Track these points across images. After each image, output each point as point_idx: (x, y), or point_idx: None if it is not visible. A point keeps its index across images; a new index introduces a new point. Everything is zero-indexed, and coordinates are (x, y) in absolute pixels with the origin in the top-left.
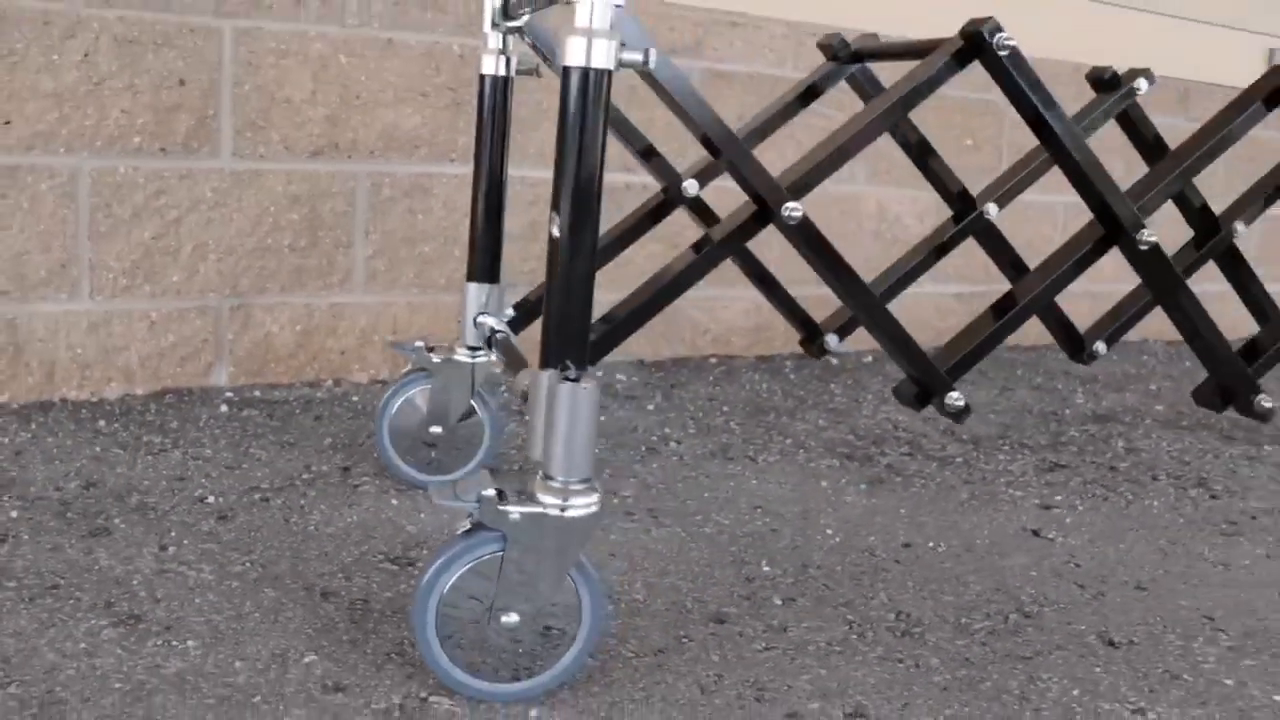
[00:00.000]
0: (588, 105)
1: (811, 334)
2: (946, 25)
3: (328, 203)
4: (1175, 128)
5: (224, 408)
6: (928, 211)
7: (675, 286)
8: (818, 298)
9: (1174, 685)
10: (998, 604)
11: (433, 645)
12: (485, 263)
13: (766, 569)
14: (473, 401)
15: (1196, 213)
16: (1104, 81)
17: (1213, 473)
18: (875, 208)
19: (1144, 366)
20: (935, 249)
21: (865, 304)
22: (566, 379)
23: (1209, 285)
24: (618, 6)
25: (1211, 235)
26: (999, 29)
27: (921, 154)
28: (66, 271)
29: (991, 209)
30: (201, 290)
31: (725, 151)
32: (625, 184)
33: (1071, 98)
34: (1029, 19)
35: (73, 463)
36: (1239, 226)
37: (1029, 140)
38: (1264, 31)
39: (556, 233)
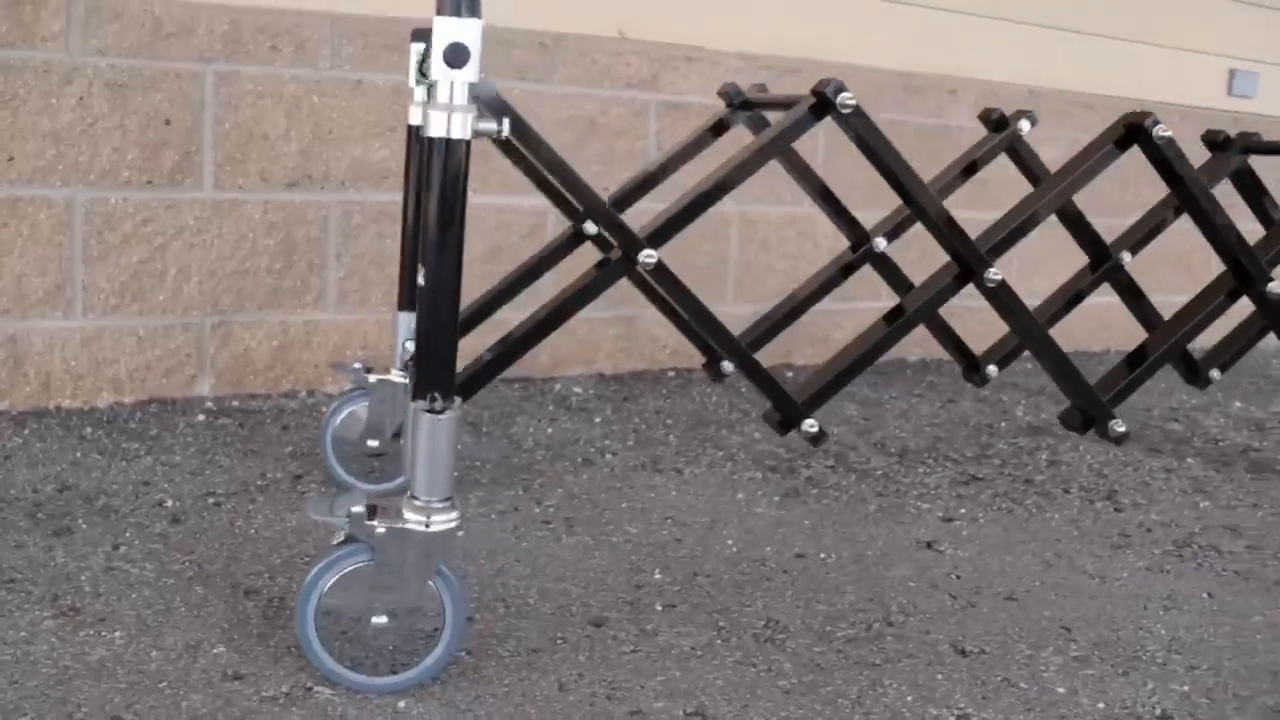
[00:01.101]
0: (448, 170)
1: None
2: (899, 55)
3: (302, 229)
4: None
5: (201, 416)
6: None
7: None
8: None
9: (1007, 692)
10: (866, 613)
11: (313, 642)
12: (414, 294)
13: (658, 577)
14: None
15: (1089, 242)
16: (993, 122)
17: (1126, 485)
18: (831, 229)
19: (1094, 378)
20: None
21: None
22: (431, 410)
23: (1098, 299)
24: (472, 84)
25: (1104, 261)
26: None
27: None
28: (62, 292)
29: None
30: (185, 309)
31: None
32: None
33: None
34: (1009, 49)
35: (53, 466)
36: (1125, 255)
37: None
38: (1224, 54)
39: (423, 282)
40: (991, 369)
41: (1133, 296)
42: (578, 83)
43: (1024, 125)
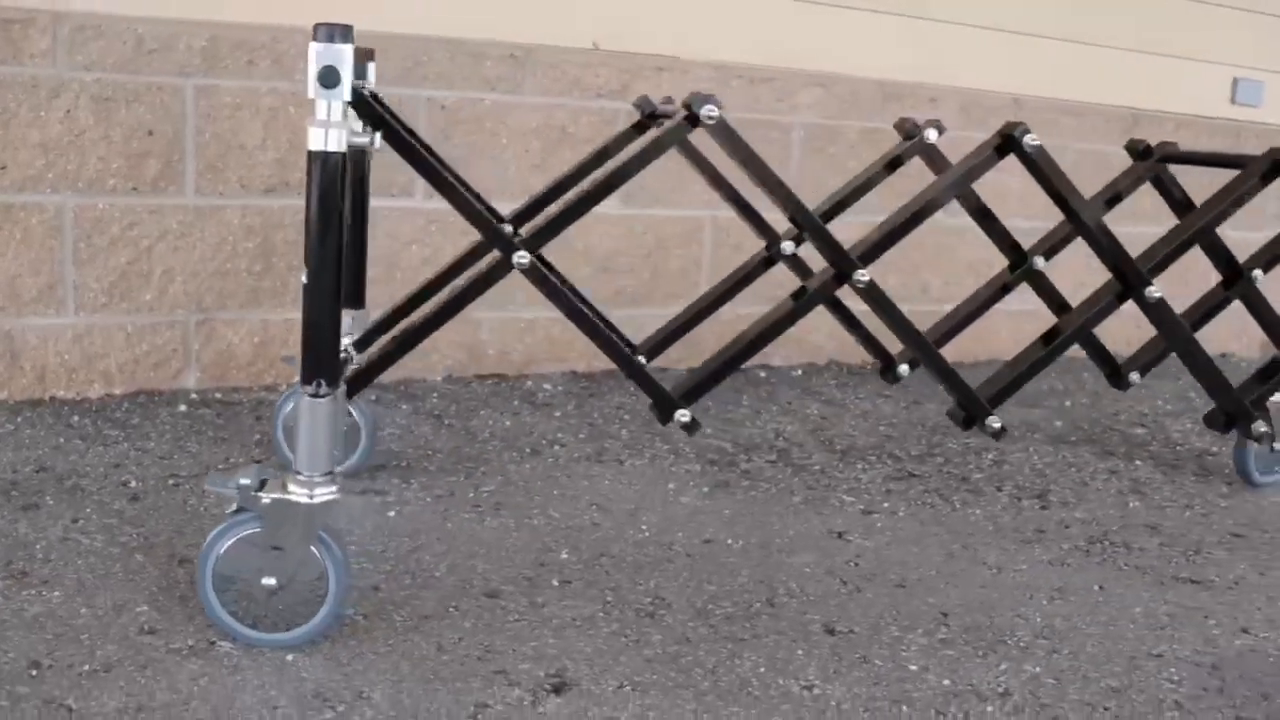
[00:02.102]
0: (326, 180)
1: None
2: (877, 64)
3: (279, 233)
4: (1123, 155)
5: (183, 407)
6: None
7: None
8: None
9: (860, 668)
10: (751, 594)
11: (211, 601)
12: (352, 292)
13: (564, 556)
14: (349, 407)
15: (1008, 249)
16: (908, 132)
17: (1062, 485)
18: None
19: (1075, 382)
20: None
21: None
22: (313, 395)
23: (1017, 304)
24: (348, 103)
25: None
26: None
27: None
28: (54, 291)
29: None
30: (170, 307)
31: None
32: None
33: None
34: (994, 57)
35: (36, 450)
36: (1039, 260)
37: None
38: (1228, 62)
39: (305, 280)
40: (904, 369)
41: (1051, 300)
42: (548, 93)
43: (931, 134)
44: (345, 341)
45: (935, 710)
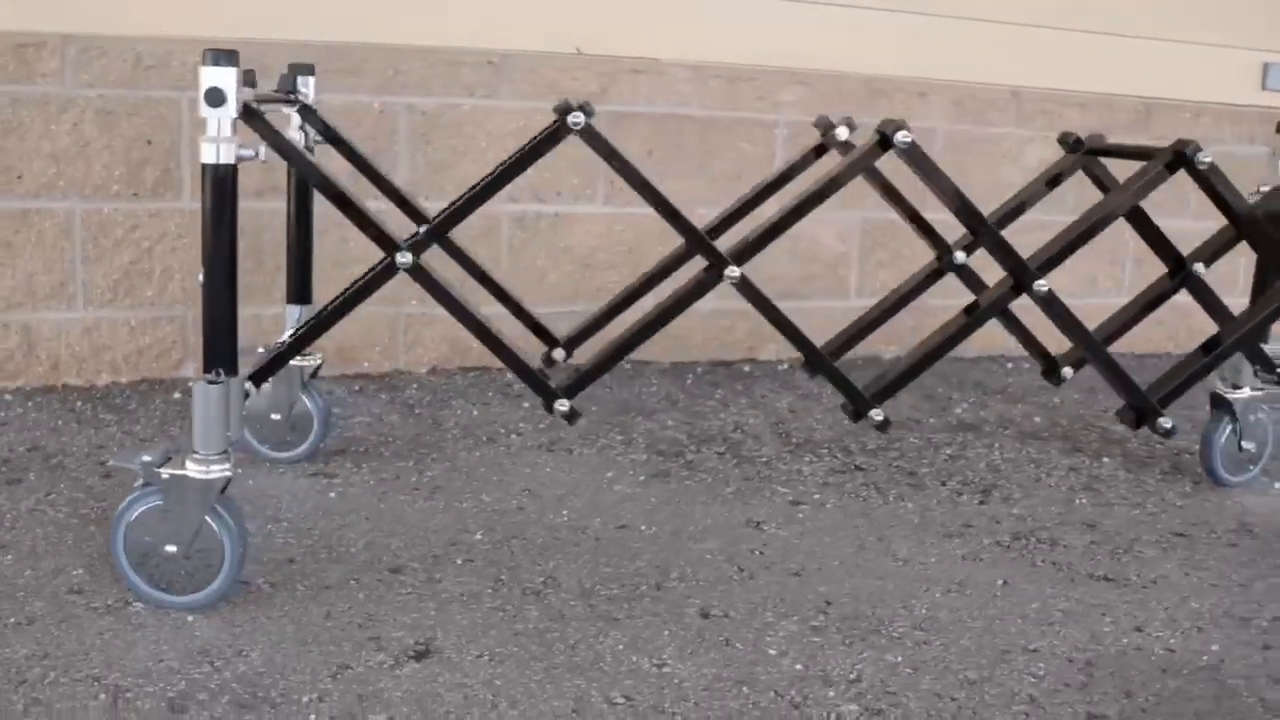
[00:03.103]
0: (220, 190)
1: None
2: (862, 60)
3: (269, 233)
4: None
5: (178, 395)
6: (849, 232)
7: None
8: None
9: (719, 650)
10: (643, 577)
11: (124, 565)
12: (299, 288)
13: (478, 537)
14: (302, 395)
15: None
16: (824, 131)
17: (1013, 482)
18: (793, 228)
19: (1073, 379)
20: None
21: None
22: (210, 382)
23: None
24: (234, 121)
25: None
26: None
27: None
28: (65, 288)
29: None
30: (170, 303)
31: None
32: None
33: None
34: (989, 49)
35: (35, 432)
36: (959, 256)
37: (962, 165)
38: (1259, 47)
39: (202, 279)
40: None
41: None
42: (526, 97)
43: (842, 131)
44: (287, 335)
45: (774, 692)
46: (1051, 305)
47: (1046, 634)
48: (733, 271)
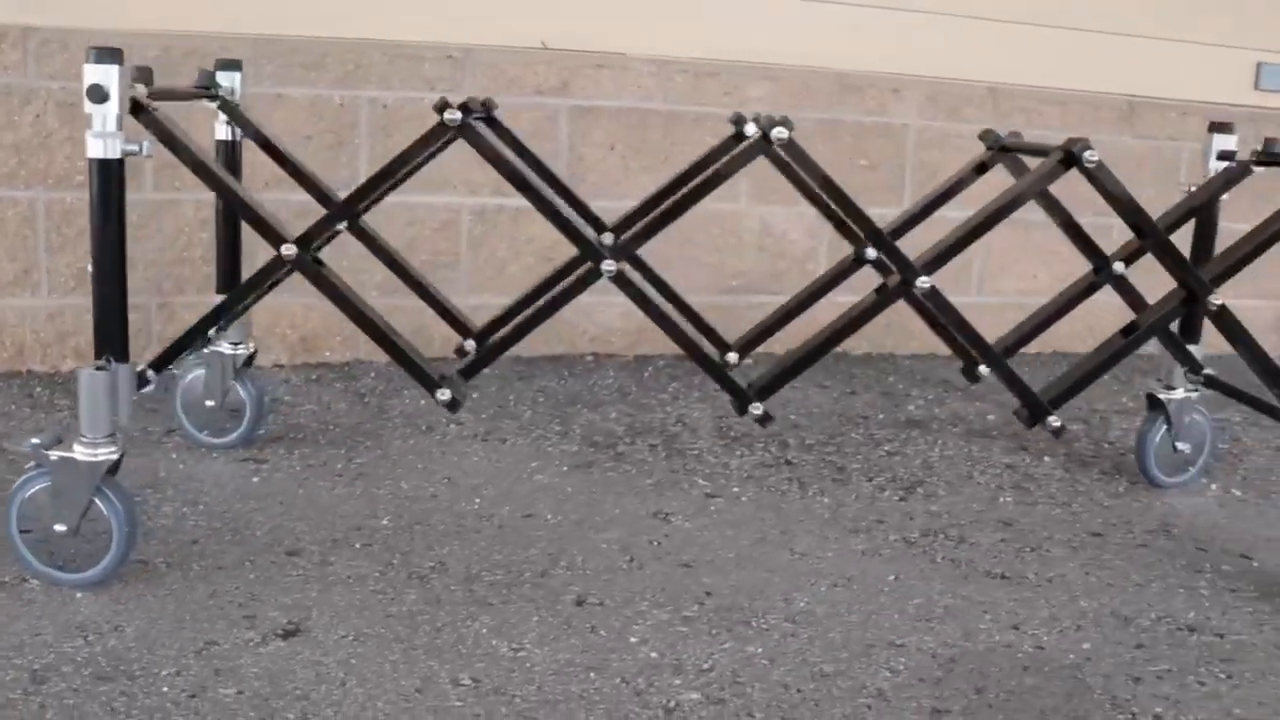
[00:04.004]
0: (107, 183)
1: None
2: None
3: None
4: (1118, 144)
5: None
6: (816, 229)
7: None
8: None
9: (579, 637)
10: (531, 565)
11: (16, 543)
12: (227, 278)
13: (384, 523)
14: (235, 383)
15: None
16: (738, 126)
17: (942, 480)
18: (759, 224)
19: (1048, 376)
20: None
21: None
22: (98, 369)
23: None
24: (120, 116)
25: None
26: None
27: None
28: (29, 276)
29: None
30: (134, 292)
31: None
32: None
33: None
34: (966, 45)
35: None
36: (867, 252)
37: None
38: (1251, 47)
39: (91, 269)
40: (732, 356)
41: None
42: (487, 91)
43: (750, 128)
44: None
45: (622, 679)
46: (936, 302)
47: (919, 630)
48: (609, 266)
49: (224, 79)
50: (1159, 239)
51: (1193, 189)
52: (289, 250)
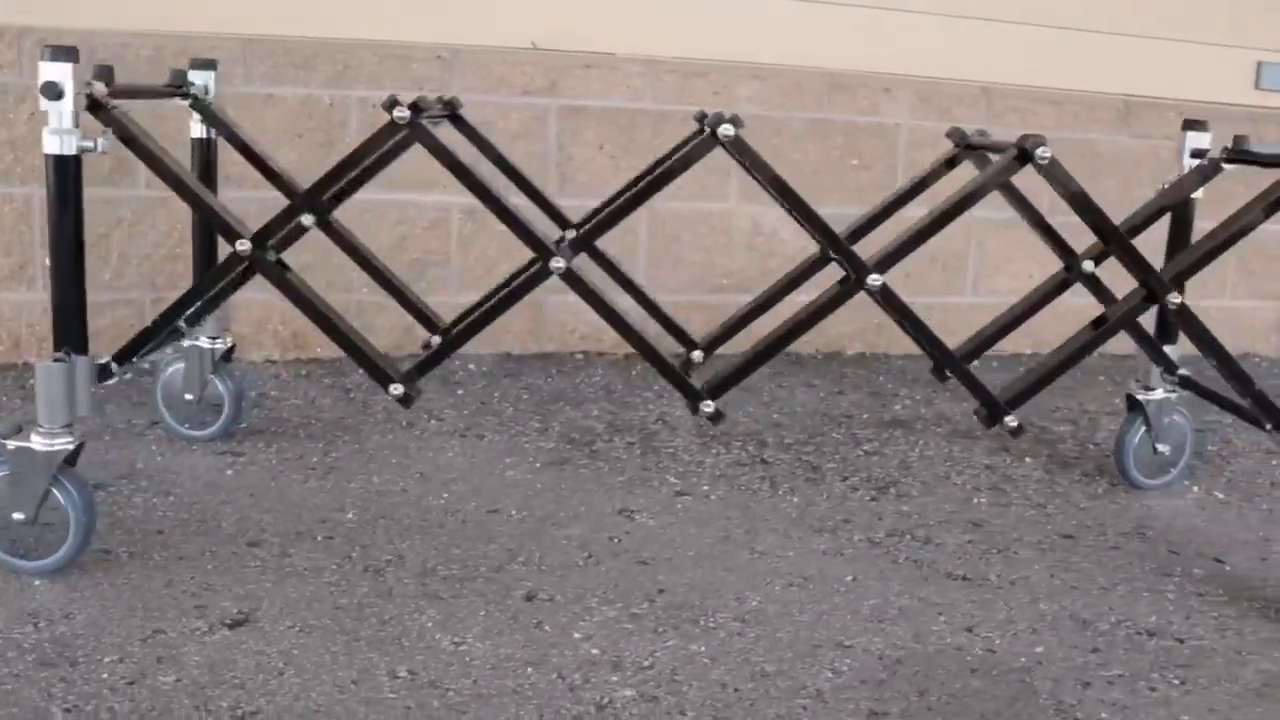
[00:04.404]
0: (64, 178)
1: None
2: (822, 54)
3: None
4: (1115, 144)
5: (129, 375)
6: None
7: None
8: None
9: (523, 632)
10: (488, 560)
11: None
12: (203, 273)
13: (349, 516)
14: (213, 376)
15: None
16: (701, 124)
17: (918, 479)
18: (749, 224)
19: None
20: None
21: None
22: (56, 360)
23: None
24: (76, 113)
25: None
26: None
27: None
28: (25, 270)
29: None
30: (127, 286)
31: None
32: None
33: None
34: (959, 45)
35: None
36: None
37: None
38: (1252, 45)
39: (49, 263)
40: (697, 355)
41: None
42: (475, 90)
43: (726, 129)
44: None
45: (559, 675)
46: (888, 300)
47: (869, 631)
48: (558, 263)
49: (198, 78)
50: (1116, 237)
51: (1166, 185)
52: (243, 245)
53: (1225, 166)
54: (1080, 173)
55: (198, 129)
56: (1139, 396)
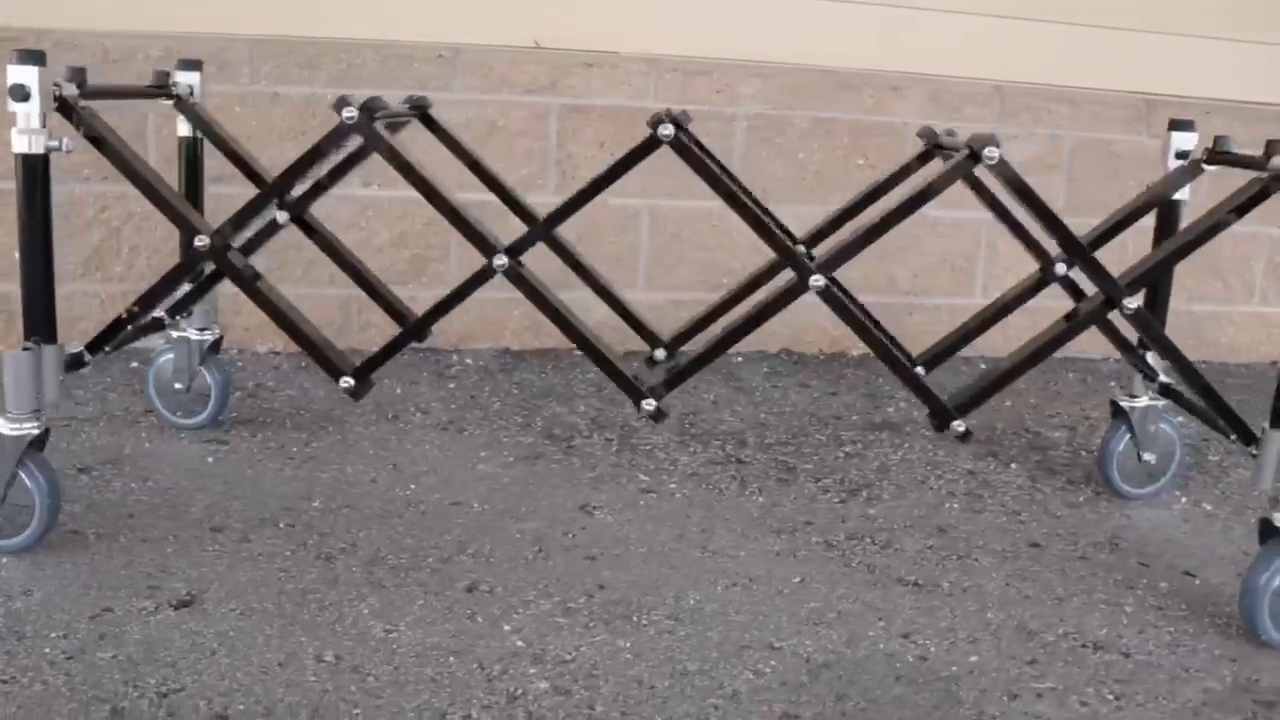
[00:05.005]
0: (32, 176)
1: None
2: (826, 53)
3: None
4: (1136, 144)
5: (135, 364)
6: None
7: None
8: None
9: (454, 622)
10: (438, 550)
11: None
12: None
13: (315, 504)
14: (201, 367)
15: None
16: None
17: (893, 483)
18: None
19: (1045, 381)
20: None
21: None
22: (25, 349)
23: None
24: (44, 114)
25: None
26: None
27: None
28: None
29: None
30: (137, 279)
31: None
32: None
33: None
34: (972, 40)
35: None
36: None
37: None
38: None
39: (18, 257)
40: (660, 353)
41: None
42: (477, 90)
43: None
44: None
45: (479, 665)
46: (830, 300)
47: (803, 634)
48: (500, 261)
49: (184, 78)
50: (1069, 240)
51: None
52: (201, 241)
53: (1206, 168)
54: (1097, 173)
55: (184, 128)
56: (1122, 403)
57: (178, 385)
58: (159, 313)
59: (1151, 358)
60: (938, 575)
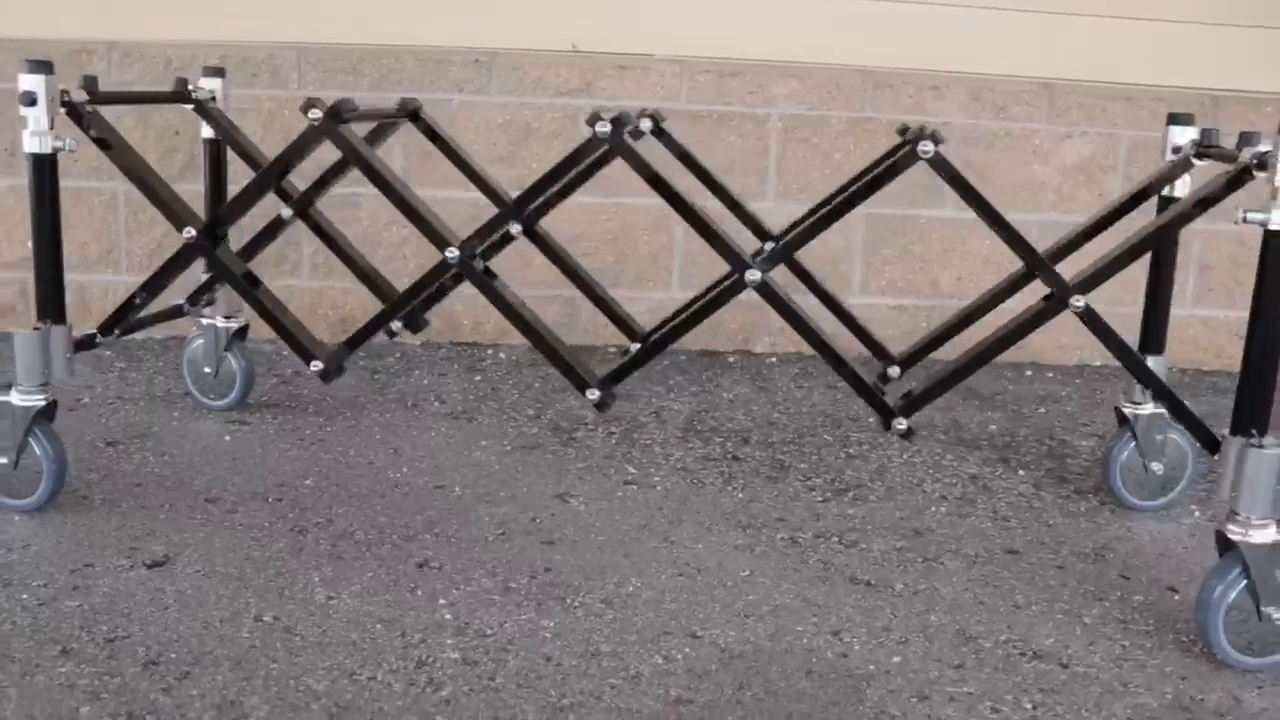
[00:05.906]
0: (41, 174)
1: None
2: (864, 52)
3: (275, 212)
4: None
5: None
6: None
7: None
8: None
9: (393, 593)
10: (405, 529)
11: None
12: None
13: (308, 482)
14: (226, 353)
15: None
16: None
17: (883, 485)
18: (785, 220)
19: (1064, 386)
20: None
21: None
22: (35, 329)
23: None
24: (51, 117)
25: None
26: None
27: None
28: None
29: None
30: (149, 269)
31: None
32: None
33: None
34: (1018, 38)
35: None
36: (766, 246)
37: (982, 160)
38: None
39: (31, 245)
40: (634, 346)
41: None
42: (512, 93)
43: (645, 124)
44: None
45: (402, 633)
46: (767, 296)
47: (730, 625)
48: (451, 253)
49: (207, 84)
50: (1012, 236)
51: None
52: (189, 233)
53: (1196, 162)
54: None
55: (208, 131)
56: (1126, 410)
57: (206, 369)
58: (179, 300)
59: (1152, 361)
60: (894, 576)
